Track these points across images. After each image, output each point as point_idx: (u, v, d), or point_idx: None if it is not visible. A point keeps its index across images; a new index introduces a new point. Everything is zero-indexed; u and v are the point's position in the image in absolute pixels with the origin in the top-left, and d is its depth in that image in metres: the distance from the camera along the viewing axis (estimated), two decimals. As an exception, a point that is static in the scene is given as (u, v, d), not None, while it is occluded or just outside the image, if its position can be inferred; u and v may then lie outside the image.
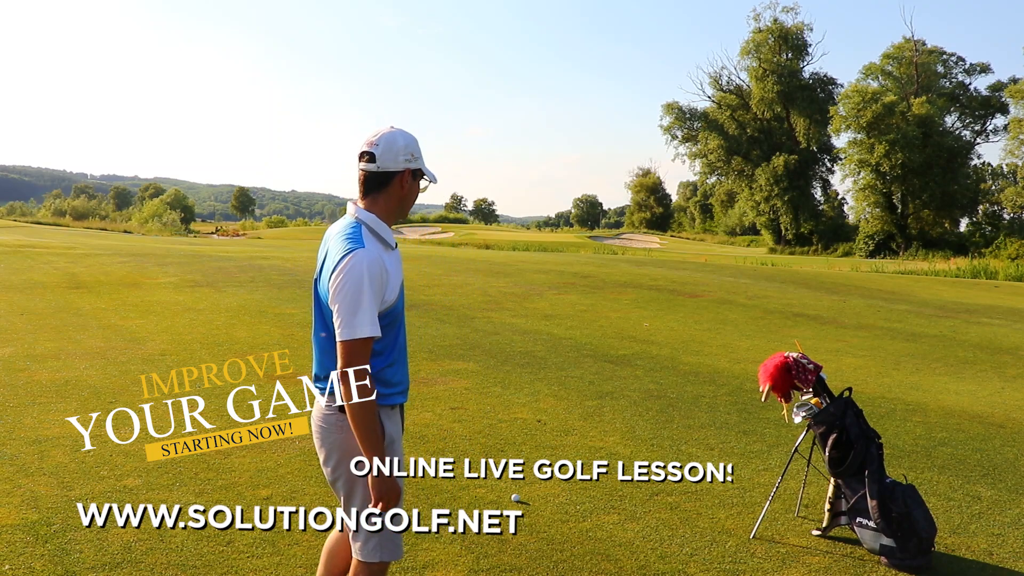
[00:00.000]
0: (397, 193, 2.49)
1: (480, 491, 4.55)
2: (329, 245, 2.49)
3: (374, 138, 2.45)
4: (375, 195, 2.48)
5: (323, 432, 2.54)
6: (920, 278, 23.28)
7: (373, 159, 2.44)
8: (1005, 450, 5.76)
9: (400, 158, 2.45)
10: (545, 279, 15.95)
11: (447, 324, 10.41)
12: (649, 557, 3.82)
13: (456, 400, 6.59)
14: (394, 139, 2.45)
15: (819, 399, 4.24)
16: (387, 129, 2.47)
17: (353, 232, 2.43)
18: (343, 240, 2.42)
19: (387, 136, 2.45)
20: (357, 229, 2.44)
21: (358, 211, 2.49)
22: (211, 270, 15.64)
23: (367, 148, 2.44)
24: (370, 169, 2.45)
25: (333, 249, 2.44)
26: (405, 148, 2.45)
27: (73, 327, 9.43)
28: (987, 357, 9.63)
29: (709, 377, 7.85)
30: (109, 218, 74.89)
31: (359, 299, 2.34)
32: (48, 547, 3.71)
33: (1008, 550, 4.04)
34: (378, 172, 2.45)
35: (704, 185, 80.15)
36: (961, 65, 57.48)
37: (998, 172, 55.70)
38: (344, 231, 2.45)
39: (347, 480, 2.52)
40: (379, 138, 2.45)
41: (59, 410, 5.94)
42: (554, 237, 69.69)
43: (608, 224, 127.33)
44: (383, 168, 2.44)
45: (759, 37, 61.63)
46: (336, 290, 2.36)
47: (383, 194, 2.47)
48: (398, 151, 2.44)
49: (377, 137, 2.45)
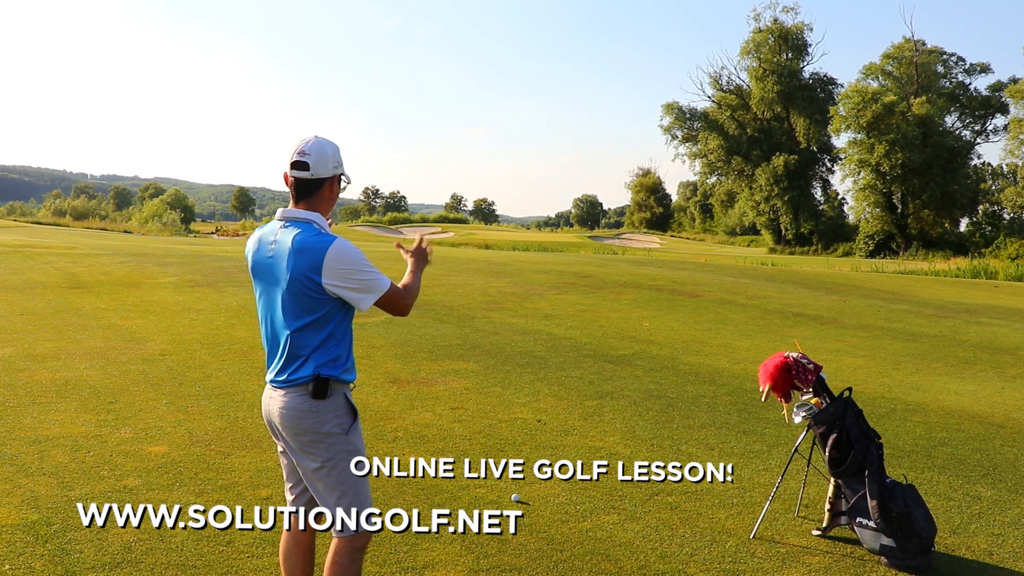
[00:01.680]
0: (328, 196, 2.74)
1: (480, 491, 4.55)
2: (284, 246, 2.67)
3: (304, 148, 2.68)
4: (309, 199, 2.71)
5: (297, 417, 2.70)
6: (920, 278, 23.29)
7: (307, 167, 2.68)
8: (1005, 450, 5.76)
9: (329, 165, 2.70)
10: (545, 279, 15.96)
11: (447, 324, 10.41)
12: (649, 557, 3.83)
13: (456, 400, 6.59)
14: (323, 148, 2.69)
15: (819, 399, 4.24)
16: (312, 139, 2.71)
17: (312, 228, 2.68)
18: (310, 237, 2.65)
19: (316, 145, 2.69)
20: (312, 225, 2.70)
21: (303, 213, 2.71)
22: (211, 270, 15.65)
23: (299, 158, 2.67)
24: (304, 176, 2.69)
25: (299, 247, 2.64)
26: (333, 156, 2.71)
27: (73, 327, 9.43)
28: (987, 357, 9.63)
29: (709, 377, 7.85)
30: (109, 218, 74.91)
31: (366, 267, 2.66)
32: (48, 547, 3.71)
33: (1008, 550, 4.04)
34: (311, 179, 2.70)
35: (704, 185, 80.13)
36: (961, 65, 57.49)
37: (998, 172, 55.71)
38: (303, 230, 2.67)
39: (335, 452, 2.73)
40: (309, 148, 2.68)
41: (59, 410, 5.94)
42: (554, 237, 69.72)
43: (608, 224, 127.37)
44: (316, 175, 2.69)
45: (759, 37, 61.64)
46: (345, 274, 2.62)
47: (316, 198, 2.71)
48: (328, 159, 2.70)
49: (307, 147, 2.68)
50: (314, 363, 2.66)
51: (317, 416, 2.67)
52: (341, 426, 2.70)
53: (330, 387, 2.68)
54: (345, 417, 2.72)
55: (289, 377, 2.70)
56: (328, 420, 2.68)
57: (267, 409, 2.80)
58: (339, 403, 2.71)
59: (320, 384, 2.67)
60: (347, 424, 2.72)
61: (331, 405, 2.69)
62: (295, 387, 2.68)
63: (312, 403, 2.67)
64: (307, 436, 2.68)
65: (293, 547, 2.89)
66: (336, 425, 2.69)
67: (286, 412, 2.70)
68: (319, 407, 2.68)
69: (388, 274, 2.76)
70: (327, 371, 2.67)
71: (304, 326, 2.66)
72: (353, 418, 2.75)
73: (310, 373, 2.66)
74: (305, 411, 2.67)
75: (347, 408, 2.73)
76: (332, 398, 2.69)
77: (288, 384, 2.69)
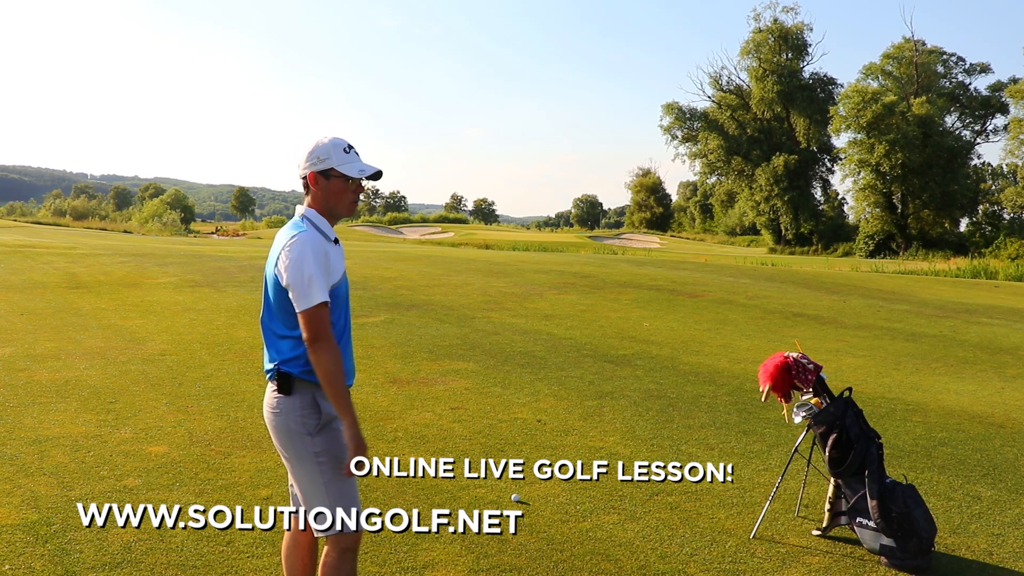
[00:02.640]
0: (315, 192, 2.77)
1: (480, 491, 4.55)
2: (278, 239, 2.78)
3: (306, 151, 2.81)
4: (307, 196, 2.80)
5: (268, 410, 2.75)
6: (920, 278, 23.28)
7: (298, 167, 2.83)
8: (1005, 450, 5.76)
9: (306, 163, 2.76)
10: (545, 279, 15.95)
11: (447, 324, 10.41)
12: (649, 557, 3.82)
13: (456, 400, 6.59)
14: (309, 147, 2.78)
15: (819, 399, 4.24)
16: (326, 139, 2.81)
17: (297, 223, 2.76)
18: (289, 228, 2.74)
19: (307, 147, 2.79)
20: (300, 221, 2.76)
21: (299, 208, 2.82)
22: (211, 270, 15.65)
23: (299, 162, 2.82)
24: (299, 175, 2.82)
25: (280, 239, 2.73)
26: (312, 153, 2.75)
27: (73, 327, 9.43)
28: (987, 357, 9.63)
29: (709, 377, 7.85)
30: (109, 218, 74.92)
31: (308, 270, 2.60)
32: (48, 547, 3.71)
33: (1008, 550, 4.04)
34: (302, 178, 2.80)
35: (704, 185, 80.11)
36: (961, 65, 57.50)
37: (998, 172, 55.71)
38: (290, 224, 2.78)
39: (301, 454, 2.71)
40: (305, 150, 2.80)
41: (59, 410, 5.94)
42: (554, 237, 69.70)
43: (608, 224, 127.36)
44: (300, 173, 2.80)
45: (759, 37, 61.64)
46: (286, 267, 2.62)
47: (309, 195, 2.79)
48: (307, 156, 2.76)
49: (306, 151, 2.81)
50: (278, 358, 2.69)
51: (281, 412, 2.70)
52: (306, 426, 2.67)
53: (293, 384, 2.68)
54: (310, 418, 2.68)
55: (265, 369, 2.78)
56: (291, 417, 2.68)
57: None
58: (305, 402, 2.68)
59: (283, 379, 2.68)
60: (312, 425, 2.68)
61: (294, 403, 2.68)
62: (271, 381, 2.74)
63: (278, 398, 2.70)
64: (276, 431, 2.72)
65: (293, 547, 2.90)
66: (299, 424, 2.67)
67: (265, 405, 2.78)
68: (282, 404, 2.69)
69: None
70: (287, 367, 2.68)
71: (275, 319, 2.71)
72: (318, 420, 2.69)
73: (272, 367, 2.71)
74: (272, 406, 2.72)
75: (313, 409, 2.68)
76: (297, 396, 2.68)
77: (268, 377, 2.77)
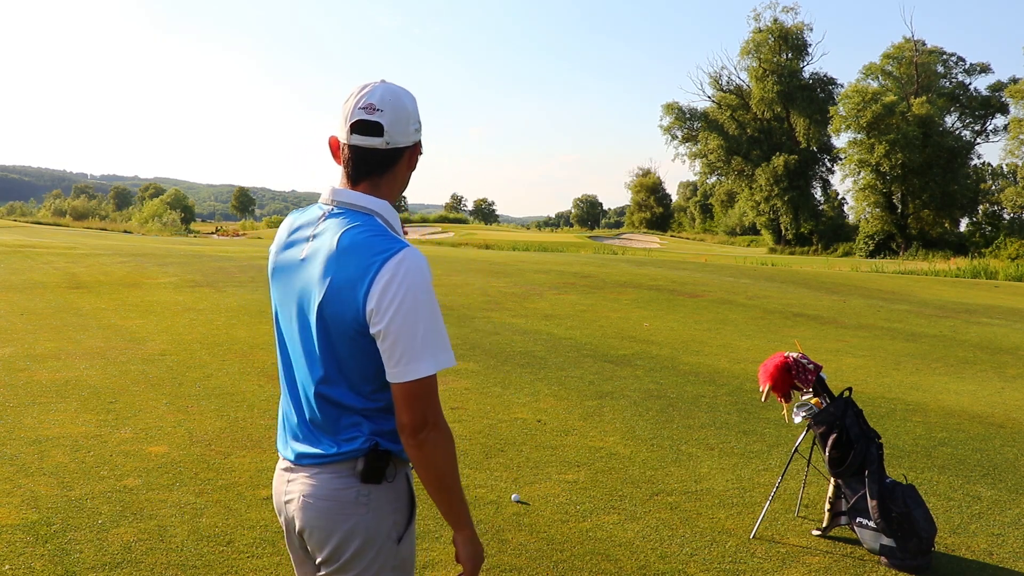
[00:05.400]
0: (403, 175, 1.80)
1: (480, 491, 4.55)
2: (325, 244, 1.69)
3: (373, 99, 1.70)
4: (376, 178, 1.74)
5: (333, 513, 1.72)
6: (920, 278, 23.28)
7: (380, 131, 1.69)
8: (1005, 450, 5.76)
9: (411, 128, 1.74)
10: (545, 279, 15.95)
11: (447, 324, 10.35)
12: (649, 557, 3.82)
13: (456, 400, 6.59)
14: (401, 102, 1.72)
15: (819, 399, 4.24)
16: (379, 84, 1.74)
17: (377, 225, 1.71)
18: (367, 237, 1.65)
19: (391, 99, 1.71)
20: (374, 222, 1.71)
21: (365, 199, 1.73)
22: (211, 270, 15.64)
23: (367, 116, 1.69)
24: (372, 145, 1.70)
25: (347, 247, 1.65)
26: (415, 113, 1.76)
27: (73, 327, 9.43)
28: (987, 357, 9.63)
29: (709, 377, 7.85)
30: (109, 218, 74.99)
31: (434, 317, 1.65)
32: (48, 547, 3.71)
33: (1008, 550, 4.04)
34: (385, 150, 1.71)
35: (704, 185, 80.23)
36: (961, 65, 57.58)
37: (998, 172, 55.77)
38: (361, 224, 1.69)
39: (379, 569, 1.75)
40: (381, 98, 1.70)
41: (59, 410, 5.94)
42: (554, 237, 69.69)
43: (608, 224, 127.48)
44: (393, 143, 1.71)
45: (759, 37, 61.72)
46: (397, 307, 1.60)
47: (387, 176, 1.75)
48: (410, 118, 1.74)
49: (377, 97, 1.70)
50: (368, 429, 1.71)
51: (367, 511, 1.72)
52: (397, 528, 1.76)
53: (389, 466, 1.74)
54: (402, 514, 1.78)
55: (324, 451, 1.73)
56: (384, 518, 1.74)
57: (281, 499, 1.83)
58: (400, 491, 1.77)
59: (375, 461, 1.71)
60: (402, 526, 1.78)
61: (389, 494, 1.74)
62: (332, 465, 1.72)
63: (360, 490, 1.71)
64: (348, 536, 1.71)
65: None
66: (392, 526, 1.75)
67: (315, 503, 1.73)
68: (371, 497, 1.72)
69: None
70: (388, 442, 1.72)
71: (340, 381, 1.71)
72: (410, 516, 1.81)
73: (360, 445, 1.70)
74: (348, 503, 1.71)
75: (407, 500, 1.80)
76: (392, 483, 1.75)
77: (320, 461, 1.73)
